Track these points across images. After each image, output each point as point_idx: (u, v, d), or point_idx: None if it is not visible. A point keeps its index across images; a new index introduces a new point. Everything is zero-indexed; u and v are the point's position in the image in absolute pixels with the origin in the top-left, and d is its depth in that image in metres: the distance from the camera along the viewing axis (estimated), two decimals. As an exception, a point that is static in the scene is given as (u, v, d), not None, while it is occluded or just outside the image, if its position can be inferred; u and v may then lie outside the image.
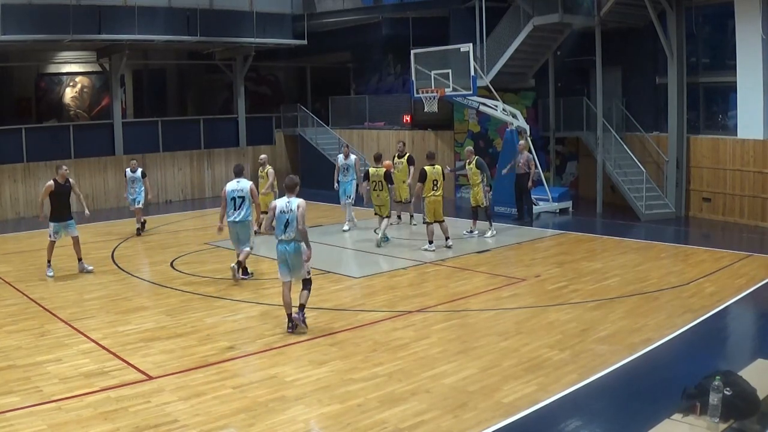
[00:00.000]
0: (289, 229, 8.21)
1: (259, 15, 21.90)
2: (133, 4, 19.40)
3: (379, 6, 23.87)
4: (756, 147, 15.28)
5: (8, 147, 19.12)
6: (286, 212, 8.22)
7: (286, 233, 8.23)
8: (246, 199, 10.84)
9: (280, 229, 8.26)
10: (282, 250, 8.31)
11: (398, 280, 11.12)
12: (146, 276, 11.45)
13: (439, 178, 12.93)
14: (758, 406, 5.31)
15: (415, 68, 17.71)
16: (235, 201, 10.82)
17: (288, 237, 8.21)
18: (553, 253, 13.17)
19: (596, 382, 6.79)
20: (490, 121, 19.79)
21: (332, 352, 7.73)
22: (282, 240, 8.27)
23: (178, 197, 22.35)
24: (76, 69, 24.44)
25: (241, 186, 10.87)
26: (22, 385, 6.76)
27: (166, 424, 5.88)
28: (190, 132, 23.10)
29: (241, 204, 10.81)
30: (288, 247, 8.25)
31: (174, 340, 8.18)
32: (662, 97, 17.37)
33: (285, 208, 8.24)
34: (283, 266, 8.38)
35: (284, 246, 8.28)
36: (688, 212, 16.98)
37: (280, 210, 8.26)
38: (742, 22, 15.23)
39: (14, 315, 9.30)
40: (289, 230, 8.21)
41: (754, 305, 9.78)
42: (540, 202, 17.60)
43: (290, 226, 8.19)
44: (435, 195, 12.85)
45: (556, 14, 17.27)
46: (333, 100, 25.49)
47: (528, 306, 9.56)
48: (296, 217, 8.13)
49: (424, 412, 6.10)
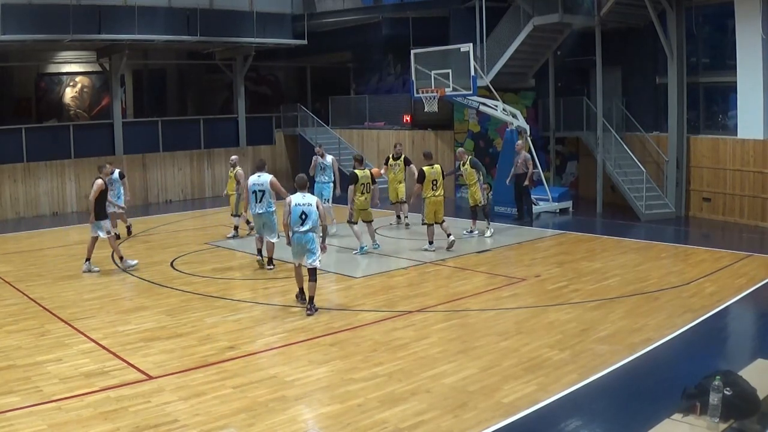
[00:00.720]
0: (307, 221, 8.99)
1: (259, 15, 21.90)
2: (133, 4, 19.39)
3: (379, 6, 23.88)
4: (756, 147, 15.29)
5: (8, 147, 19.11)
6: (302, 205, 9.03)
7: (303, 225, 8.98)
8: (266, 192, 11.46)
9: (297, 221, 9.00)
10: (298, 239, 9.05)
11: (398, 280, 11.12)
12: (146, 276, 11.44)
13: (438, 178, 12.80)
14: (758, 406, 5.31)
15: (415, 68, 17.71)
16: (257, 194, 11.50)
17: (305, 228, 8.99)
18: (553, 253, 13.17)
19: (596, 382, 6.79)
20: (490, 121, 19.80)
21: (332, 352, 7.73)
22: (298, 231, 9.00)
23: (178, 197, 22.35)
24: (76, 69, 24.44)
25: (262, 180, 11.51)
26: (22, 385, 6.76)
27: (166, 424, 5.88)
28: (190, 132, 23.09)
29: (262, 197, 11.47)
30: (304, 237, 9.02)
31: (174, 340, 8.18)
32: (662, 97, 17.37)
33: (302, 201, 9.07)
34: (297, 253, 9.14)
35: (300, 237, 9.03)
36: (688, 212, 16.98)
37: (296, 203, 9.06)
38: (742, 22, 15.23)
39: (14, 315, 9.30)
40: (307, 222, 8.99)
41: (754, 305, 9.78)
42: (540, 202, 17.60)
43: (309, 219, 8.97)
44: (435, 195, 12.76)
45: (556, 14, 17.28)
46: (333, 100, 25.49)
47: (528, 306, 9.56)
48: (315, 212, 9.04)
49: (424, 412, 6.10)
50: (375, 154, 23.31)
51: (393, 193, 15.61)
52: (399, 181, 15.38)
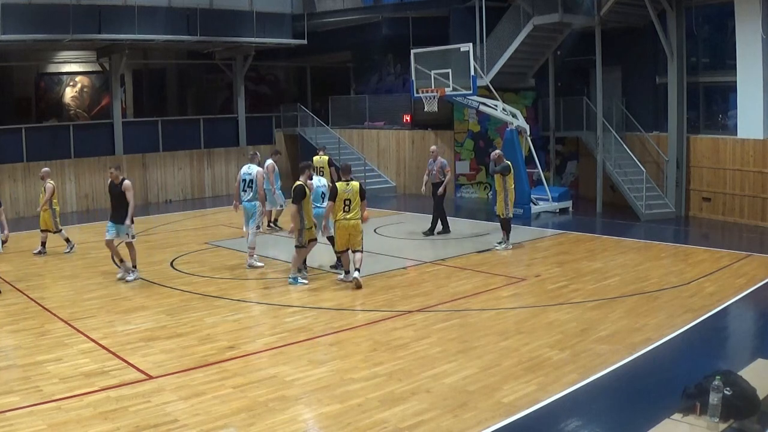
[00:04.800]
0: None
1: (259, 15, 21.91)
2: (133, 4, 19.40)
3: (379, 6, 23.88)
4: (756, 147, 15.28)
5: (8, 147, 19.12)
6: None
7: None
8: (254, 182, 11.88)
9: (318, 199, 11.06)
10: (317, 213, 10.97)
11: (398, 279, 11.12)
12: (146, 276, 11.44)
13: (353, 198, 10.40)
14: (758, 406, 5.31)
15: (415, 68, 17.71)
16: (245, 182, 12.07)
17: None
18: (553, 253, 13.17)
19: (596, 382, 6.79)
20: (490, 120, 19.79)
21: (332, 352, 7.73)
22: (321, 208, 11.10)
23: (178, 197, 22.35)
24: (76, 69, 24.44)
25: (251, 170, 12.10)
26: (22, 385, 6.76)
27: (166, 424, 5.88)
28: (190, 132, 23.11)
29: (248, 185, 12.00)
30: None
31: (174, 340, 8.18)
32: (662, 97, 17.37)
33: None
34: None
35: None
36: (688, 212, 16.98)
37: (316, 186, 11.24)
38: (742, 21, 15.23)
39: (14, 315, 9.30)
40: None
41: (754, 305, 9.78)
42: (540, 201, 17.61)
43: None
44: (346, 219, 10.46)
45: (556, 14, 17.28)
46: (333, 99, 25.50)
47: (528, 306, 9.56)
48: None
49: (424, 412, 6.10)
50: (375, 153, 23.34)
51: None
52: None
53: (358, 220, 10.43)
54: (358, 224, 10.43)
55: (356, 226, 10.41)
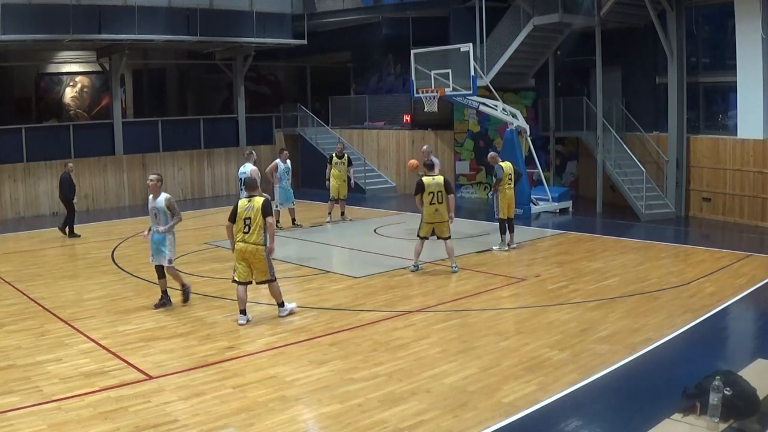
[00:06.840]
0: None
1: (259, 15, 21.90)
2: (133, 4, 19.39)
3: (379, 6, 23.88)
4: (756, 147, 15.28)
5: (8, 147, 19.12)
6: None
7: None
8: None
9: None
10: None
11: (398, 280, 11.12)
12: (146, 276, 11.43)
13: (439, 190, 11.19)
14: (758, 406, 5.32)
15: (415, 68, 17.71)
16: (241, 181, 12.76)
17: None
18: (553, 253, 13.17)
19: (596, 382, 6.79)
20: (490, 120, 19.80)
21: (332, 352, 7.73)
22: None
23: (178, 197, 22.31)
24: (76, 69, 24.44)
25: (245, 169, 13.07)
26: (22, 385, 6.76)
27: (166, 424, 5.88)
28: (190, 132, 23.12)
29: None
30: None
31: (174, 340, 8.18)
32: (662, 97, 17.37)
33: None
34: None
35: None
36: (688, 212, 16.98)
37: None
38: (742, 22, 15.22)
39: (14, 315, 9.30)
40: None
41: (754, 305, 9.78)
42: (540, 201, 17.60)
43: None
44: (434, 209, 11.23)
45: (556, 14, 17.27)
46: (333, 99, 25.50)
47: (528, 306, 9.56)
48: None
49: (424, 412, 6.10)
50: (375, 153, 23.34)
51: (336, 191, 16.40)
52: (342, 179, 16.41)
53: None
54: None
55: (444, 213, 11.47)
